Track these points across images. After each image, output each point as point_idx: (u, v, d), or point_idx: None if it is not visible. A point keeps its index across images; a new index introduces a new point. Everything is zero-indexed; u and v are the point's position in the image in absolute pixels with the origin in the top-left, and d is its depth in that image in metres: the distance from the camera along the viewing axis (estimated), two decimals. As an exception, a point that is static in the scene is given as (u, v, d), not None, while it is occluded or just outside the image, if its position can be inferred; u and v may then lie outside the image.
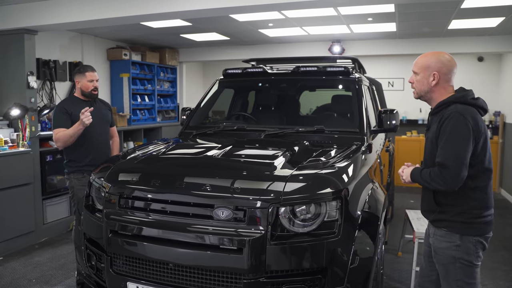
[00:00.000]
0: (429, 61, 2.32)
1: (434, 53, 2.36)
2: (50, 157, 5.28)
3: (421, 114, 9.02)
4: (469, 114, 2.18)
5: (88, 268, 2.81)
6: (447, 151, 2.14)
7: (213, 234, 2.28)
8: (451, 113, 2.18)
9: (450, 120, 2.16)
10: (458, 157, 2.12)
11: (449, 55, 2.36)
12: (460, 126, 2.14)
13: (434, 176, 2.17)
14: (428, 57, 2.35)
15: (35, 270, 4.27)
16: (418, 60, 2.39)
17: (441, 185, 2.16)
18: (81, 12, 4.60)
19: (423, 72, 2.33)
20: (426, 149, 2.37)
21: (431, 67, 2.31)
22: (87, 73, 3.79)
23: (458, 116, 2.15)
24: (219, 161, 2.79)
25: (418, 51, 7.17)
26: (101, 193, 2.80)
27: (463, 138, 2.13)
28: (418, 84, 2.37)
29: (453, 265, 2.25)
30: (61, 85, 6.21)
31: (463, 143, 2.13)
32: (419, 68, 2.36)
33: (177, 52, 8.63)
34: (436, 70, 2.29)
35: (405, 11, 5.19)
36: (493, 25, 5.87)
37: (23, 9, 4.78)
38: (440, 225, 2.30)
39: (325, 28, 6.46)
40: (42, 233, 5.18)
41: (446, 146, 2.15)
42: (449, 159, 2.13)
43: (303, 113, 4.61)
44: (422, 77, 2.34)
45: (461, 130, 2.14)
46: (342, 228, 2.33)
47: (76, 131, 3.63)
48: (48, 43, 5.95)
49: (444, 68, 2.29)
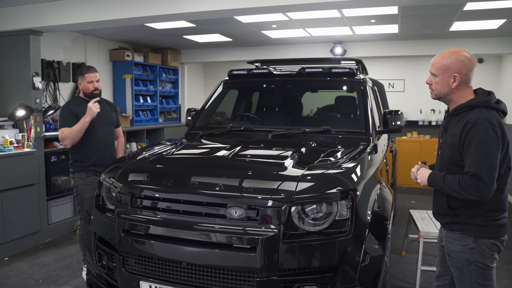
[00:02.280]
0: (448, 62, 2.21)
1: (453, 52, 2.24)
2: (55, 158, 5.29)
3: (421, 115, 9.08)
4: (496, 120, 2.11)
5: (99, 267, 2.83)
6: (479, 161, 2.07)
7: (227, 233, 2.31)
8: (478, 119, 2.10)
9: (478, 128, 2.09)
10: (491, 168, 2.07)
11: (468, 52, 2.24)
12: (490, 134, 2.07)
13: (465, 186, 2.09)
14: (447, 57, 2.23)
15: (41, 270, 4.28)
16: (435, 61, 2.27)
17: (475, 196, 2.08)
18: (86, 13, 4.63)
19: (443, 74, 2.22)
20: (443, 152, 2.31)
21: (451, 68, 2.20)
22: (86, 74, 3.81)
23: (485, 123, 2.09)
24: (231, 161, 2.82)
25: (419, 52, 7.25)
26: (111, 193, 2.83)
27: (494, 148, 2.08)
28: (437, 86, 2.27)
29: (467, 268, 2.22)
30: (64, 86, 6.23)
31: (494, 153, 2.08)
32: (437, 69, 2.25)
33: (179, 53, 8.66)
34: (457, 72, 2.19)
35: (408, 13, 5.24)
36: (494, 27, 5.93)
37: (28, 10, 4.80)
38: (454, 228, 2.27)
39: (327, 29, 6.50)
40: (47, 234, 5.19)
41: (477, 156, 2.07)
42: (483, 170, 2.06)
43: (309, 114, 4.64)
44: (442, 79, 2.23)
45: (491, 139, 2.07)
46: (353, 227, 2.36)
47: (83, 125, 3.65)
48: (52, 44, 5.97)
49: (464, 68, 2.19)
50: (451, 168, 2.23)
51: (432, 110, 9.08)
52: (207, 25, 6.17)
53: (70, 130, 3.68)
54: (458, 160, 2.19)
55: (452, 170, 2.22)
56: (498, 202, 2.19)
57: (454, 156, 2.21)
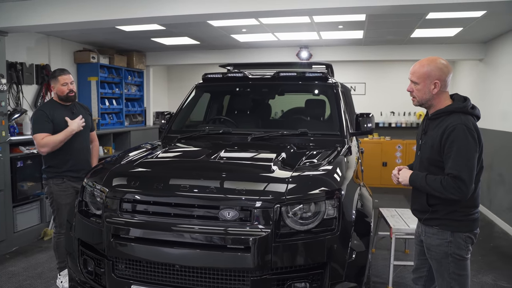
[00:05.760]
0: (428, 70, 2.35)
1: (431, 60, 2.39)
2: (21, 163, 5.10)
3: (381, 118, 9.49)
4: (473, 125, 2.30)
5: (84, 274, 2.79)
6: (459, 164, 2.23)
7: (220, 235, 2.36)
8: (457, 124, 2.27)
9: (457, 132, 2.25)
10: (471, 170, 2.24)
11: (444, 60, 2.40)
12: (468, 138, 2.24)
13: (448, 187, 2.25)
14: (426, 65, 2.37)
15: (10, 280, 4.12)
16: (416, 69, 2.41)
17: (456, 196, 2.25)
18: (58, 14, 4.52)
19: (424, 81, 2.37)
20: (423, 153, 2.47)
21: (432, 75, 2.35)
22: (59, 77, 3.72)
23: (464, 128, 2.25)
24: (219, 164, 2.87)
25: (381, 57, 7.58)
26: (96, 198, 2.80)
27: (473, 151, 2.25)
28: (419, 93, 2.41)
29: (446, 260, 2.41)
30: (28, 89, 6.00)
31: (473, 156, 2.25)
32: (419, 77, 2.39)
33: (144, 55, 8.56)
34: (437, 79, 2.35)
35: (375, 20, 5.48)
36: (451, 35, 6.32)
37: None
38: (432, 223, 2.45)
39: (294, 34, 6.66)
40: (13, 242, 5.00)
41: (458, 159, 2.24)
42: (463, 172, 2.22)
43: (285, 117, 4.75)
44: (423, 86, 2.38)
45: (469, 143, 2.24)
46: (340, 225, 2.48)
47: (66, 136, 3.60)
48: (15, 45, 5.73)
49: (443, 75, 2.35)
50: (431, 169, 2.40)
51: (392, 112, 9.50)
52: (177, 28, 6.15)
53: (53, 139, 3.58)
54: (438, 161, 2.36)
55: (432, 170, 2.39)
56: (472, 199, 2.37)
57: (434, 157, 2.38)
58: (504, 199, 5.96)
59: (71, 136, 3.64)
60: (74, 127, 3.66)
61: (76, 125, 3.68)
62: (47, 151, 3.62)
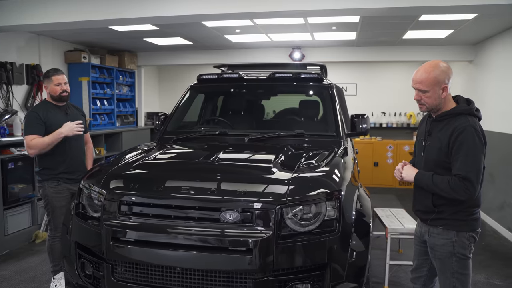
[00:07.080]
0: (435, 76, 2.34)
1: (435, 66, 2.38)
2: (12, 165, 5.01)
3: (372, 118, 9.53)
4: (479, 127, 2.34)
5: (82, 277, 2.75)
6: (467, 165, 2.27)
7: (222, 237, 2.35)
8: (466, 126, 2.30)
9: (466, 134, 2.29)
10: (478, 171, 2.29)
11: (445, 62, 2.42)
12: (476, 140, 2.29)
13: (455, 187, 2.28)
14: (431, 71, 2.36)
15: (2, 285, 4.05)
16: (422, 78, 2.37)
17: (464, 196, 2.29)
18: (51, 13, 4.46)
19: (433, 88, 2.36)
20: (429, 154, 2.47)
21: (440, 81, 2.35)
22: (53, 77, 3.66)
23: (473, 130, 2.30)
24: (218, 166, 2.85)
25: (373, 58, 7.63)
26: (93, 200, 2.76)
27: (480, 152, 2.30)
28: (429, 100, 2.39)
29: (449, 260, 2.43)
30: (18, 89, 5.91)
31: (480, 157, 2.30)
32: (428, 85, 2.36)
33: (136, 55, 8.49)
34: (445, 83, 2.36)
35: (368, 22, 5.51)
36: (442, 36, 6.39)
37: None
38: (438, 223, 2.46)
39: (288, 35, 6.68)
40: (4, 245, 4.91)
41: (466, 161, 2.27)
42: (471, 173, 2.26)
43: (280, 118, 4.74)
44: (433, 93, 2.37)
45: (477, 145, 2.29)
46: (341, 226, 2.49)
47: (55, 139, 3.51)
48: (4, 44, 5.65)
49: (447, 78, 2.37)
50: (437, 170, 2.41)
51: (382, 113, 9.57)
52: (170, 29, 6.12)
53: (41, 141, 3.51)
54: (446, 162, 2.38)
55: (438, 171, 2.40)
56: (476, 198, 2.39)
57: (441, 159, 2.39)
58: (495, 198, 6.05)
59: (60, 140, 3.54)
60: (63, 131, 3.53)
61: (68, 128, 3.53)
62: (34, 153, 3.55)
